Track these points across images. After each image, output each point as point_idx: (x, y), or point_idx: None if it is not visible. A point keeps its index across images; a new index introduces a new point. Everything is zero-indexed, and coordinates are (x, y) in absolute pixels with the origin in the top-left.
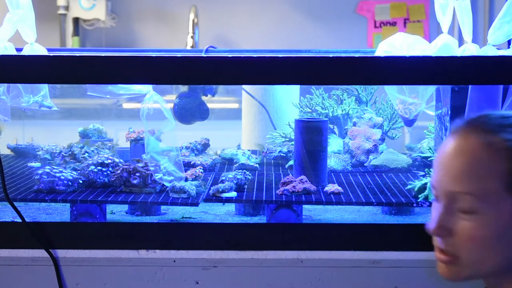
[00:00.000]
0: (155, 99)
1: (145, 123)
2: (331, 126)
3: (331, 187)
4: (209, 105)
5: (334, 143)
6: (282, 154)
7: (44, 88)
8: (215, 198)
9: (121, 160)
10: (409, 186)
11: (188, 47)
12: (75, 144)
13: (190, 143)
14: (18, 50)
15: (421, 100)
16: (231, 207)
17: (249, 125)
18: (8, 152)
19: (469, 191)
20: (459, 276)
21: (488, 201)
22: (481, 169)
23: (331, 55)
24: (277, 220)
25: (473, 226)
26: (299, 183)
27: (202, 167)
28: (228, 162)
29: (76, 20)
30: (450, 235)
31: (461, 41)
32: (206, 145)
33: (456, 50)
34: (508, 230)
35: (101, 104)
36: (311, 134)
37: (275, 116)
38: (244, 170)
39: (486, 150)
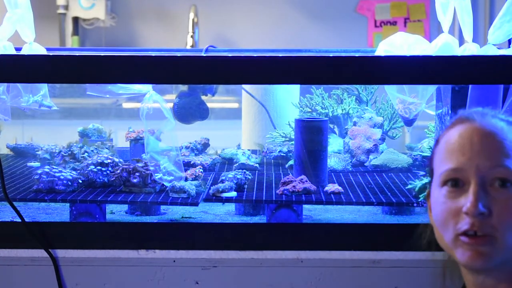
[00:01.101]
0: (154, 98)
1: (145, 122)
2: (331, 125)
3: (331, 187)
4: (209, 105)
5: (334, 143)
6: (282, 154)
7: (44, 87)
8: (215, 198)
9: (121, 160)
10: (409, 186)
11: (188, 47)
12: (75, 144)
13: (190, 143)
14: (17, 49)
15: (421, 100)
16: (231, 207)
17: (249, 125)
18: (7, 151)
19: (503, 163)
20: (493, 259)
21: None
22: (509, 142)
23: (331, 55)
24: (277, 220)
25: (510, 199)
26: (299, 183)
27: (202, 167)
28: (228, 162)
29: (75, 20)
30: (490, 214)
31: (461, 41)
32: (206, 145)
33: (456, 50)
34: None
35: (100, 104)
36: (311, 133)
37: (275, 116)
38: (244, 170)
39: (507, 126)
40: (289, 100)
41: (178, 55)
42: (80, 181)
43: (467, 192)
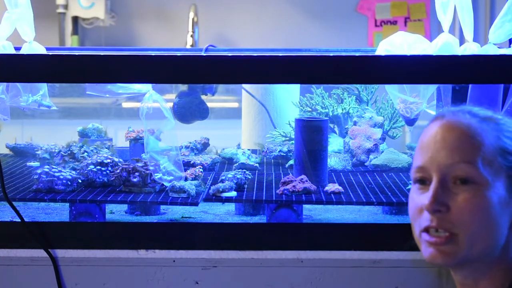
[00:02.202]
0: (154, 98)
1: (145, 122)
2: (331, 125)
3: (332, 187)
4: (209, 104)
5: (334, 143)
6: (282, 154)
7: (43, 87)
8: (215, 197)
9: (121, 160)
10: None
11: (188, 46)
12: (74, 144)
13: (190, 143)
14: (17, 49)
15: (422, 99)
16: (231, 206)
17: (249, 124)
18: (7, 151)
19: (466, 159)
20: (455, 257)
21: (483, 169)
22: (475, 139)
23: (331, 54)
24: (277, 220)
25: (471, 195)
26: (299, 182)
27: (201, 167)
28: (228, 162)
29: (75, 19)
30: (448, 210)
31: (462, 40)
32: (206, 145)
33: (457, 49)
34: (503, 204)
35: (100, 103)
36: (312, 133)
37: (275, 115)
38: (244, 170)
39: (479, 124)
40: (289, 100)
41: (178, 54)
42: (80, 181)
43: (430, 188)
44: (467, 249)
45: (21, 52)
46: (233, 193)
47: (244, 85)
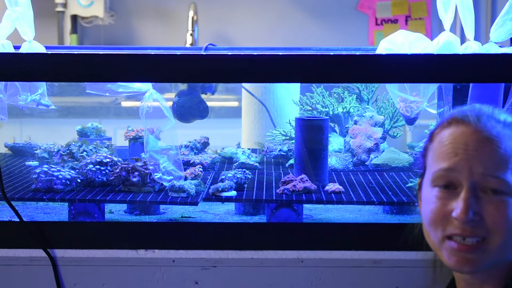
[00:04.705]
0: (154, 97)
1: (144, 121)
2: (331, 124)
3: (332, 186)
4: (209, 103)
5: (335, 142)
6: (282, 153)
7: (42, 86)
8: (215, 197)
9: (120, 159)
10: (410, 185)
11: (188, 45)
12: (73, 143)
13: (190, 142)
14: (16, 48)
15: (423, 98)
16: (231, 206)
17: (249, 124)
18: (5, 150)
19: (497, 173)
20: (481, 264)
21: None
22: (503, 150)
23: (331, 53)
24: (277, 219)
25: (502, 205)
26: (299, 182)
27: (201, 166)
28: (227, 161)
29: (74, 18)
30: (480, 219)
31: (463, 39)
32: (205, 144)
33: (458, 48)
34: None
35: (99, 102)
36: (312, 132)
37: (275, 114)
38: (244, 169)
39: (505, 132)
40: (290, 99)
41: (178, 53)
42: (79, 180)
43: (458, 196)
44: (494, 257)
45: (21, 51)
46: (233, 193)
47: (244, 84)
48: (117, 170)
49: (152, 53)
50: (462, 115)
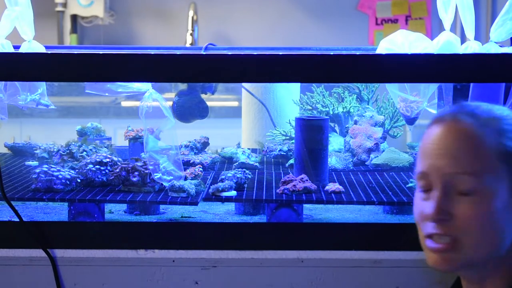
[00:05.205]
0: (154, 97)
1: (144, 121)
2: (332, 124)
3: (332, 186)
4: (209, 103)
5: (335, 142)
6: (282, 153)
7: (42, 86)
8: (215, 197)
9: (120, 159)
10: (410, 185)
11: (187, 45)
12: (73, 143)
13: (190, 142)
14: (16, 47)
15: (423, 98)
16: (231, 206)
17: (249, 124)
18: (5, 150)
19: (468, 171)
20: (456, 263)
21: (486, 179)
22: (477, 147)
23: (331, 53)
24: (277, 219)
25: (474, 206)
26: (299, 182)
27: (201, 166)
28: (227, 161)
29: (74, 17)
30: (452, 218)
31: (463, 39)
32: (205, 144)
33: (458, 48)
34: (507, 208)
35: (99, 102)
36: (312, 132)
37: (275, 114)
38: (244, 169)
39: (480, 128)
40: (290, 98)
41: (178, 53)
42: (79, 180)
43: (433, 196)
44: (470, 256)
45: (20, 50)
46: (233, 193)
47: (244, 84)
48: (117, 170)
49: (152, 53)
50: (440, 115)
